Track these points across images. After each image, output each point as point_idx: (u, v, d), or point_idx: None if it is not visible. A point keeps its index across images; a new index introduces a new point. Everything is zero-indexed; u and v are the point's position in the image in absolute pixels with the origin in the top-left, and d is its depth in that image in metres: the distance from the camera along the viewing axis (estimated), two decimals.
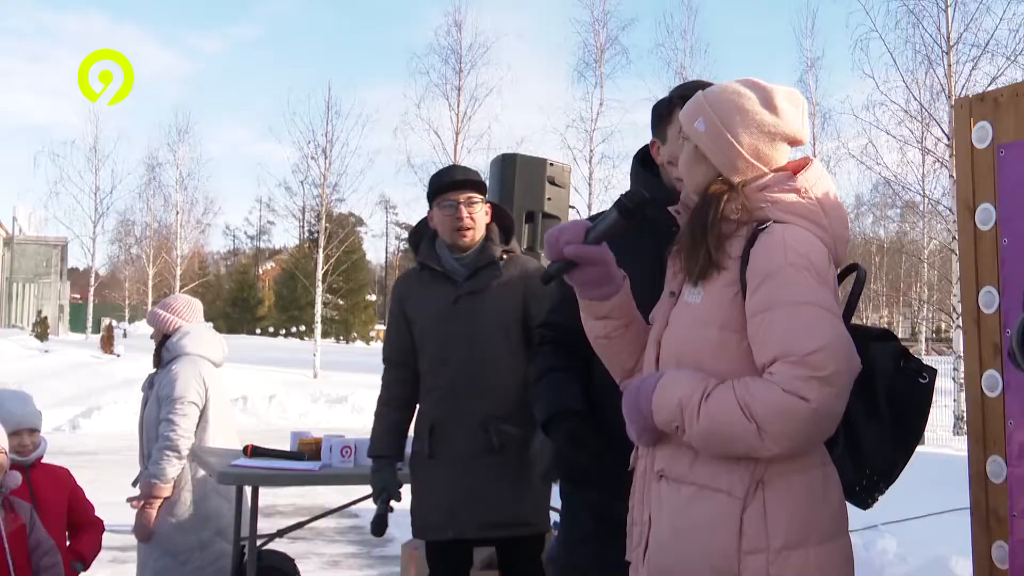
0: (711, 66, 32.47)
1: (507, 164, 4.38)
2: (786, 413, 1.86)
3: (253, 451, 4.21)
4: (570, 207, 4.68)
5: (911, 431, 2.19)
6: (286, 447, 4.65)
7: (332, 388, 23.84)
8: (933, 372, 2.21)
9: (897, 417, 2.15)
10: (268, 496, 7.66)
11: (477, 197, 3.53)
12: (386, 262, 79.51)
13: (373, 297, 65.01)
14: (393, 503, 3.67)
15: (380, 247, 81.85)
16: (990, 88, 17.97)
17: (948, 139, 19.25)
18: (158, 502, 4.39)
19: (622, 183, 31.44)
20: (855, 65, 33.09)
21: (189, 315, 4.78)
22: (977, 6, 19.27)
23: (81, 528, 4.10)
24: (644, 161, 2.87)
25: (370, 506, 3.79)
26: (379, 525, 3.73)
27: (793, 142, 2.13)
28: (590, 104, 31.81)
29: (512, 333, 3.51)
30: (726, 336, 2.01)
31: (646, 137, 2.83)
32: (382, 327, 66.12)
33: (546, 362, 2.82)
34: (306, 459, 4.34)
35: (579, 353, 2.59)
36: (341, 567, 7.27)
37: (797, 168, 2.13)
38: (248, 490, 4.15)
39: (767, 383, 1.90)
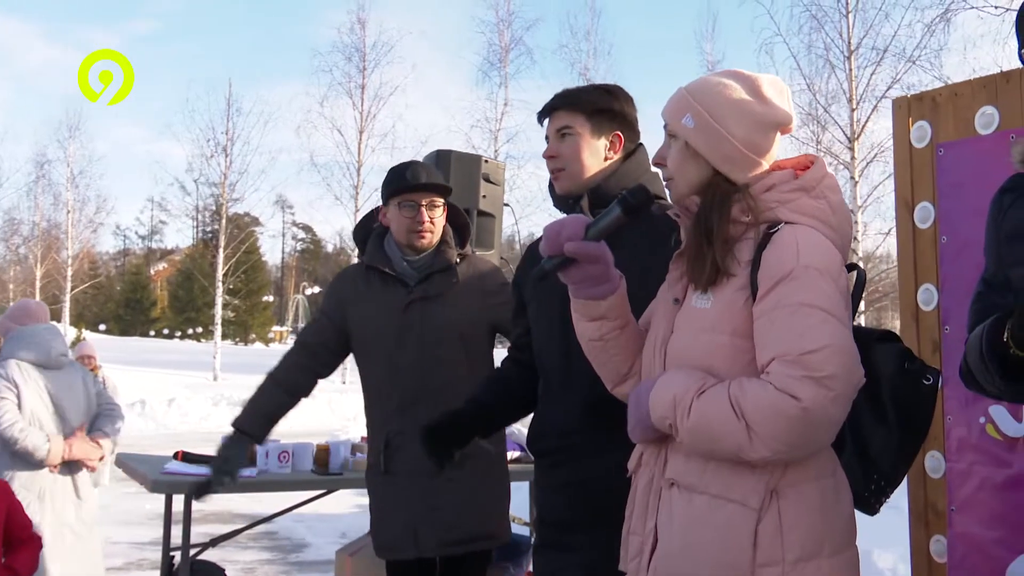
0: (614, 67, 32.82)
1: (442, 161, 4.30)
2: (775, 412, 1.79)
3: (184, 457, 4.04)
4: (504, 205, 4.62)
5: (915, 434, 2.13)
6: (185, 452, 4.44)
7: (233, 391, 23.36)
8: (936, 373, 2.14)
9: (902, 420, 2.10)
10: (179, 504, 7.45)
11: (439, 200, 3.35)
12: (282, 263, 78.42)
13: (271, 298, 64.07)
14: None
15: (277, 248, 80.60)
16: (890, 91, 18.57)
17: (848, 141, 19.83)
18: None
19: (526, 183, 31.60)
20: (760, 68, 33.90)
21: (23, 318, 4.72)
22: (876, 13, 20.01)
23: (17, 544, 3.87)
24: None
25: (298, 513, 3.63)
26: (202, 491, 3.47)
27: (783, 129, 2.08)
28: (495, 104, 31.87)
29: (469, 339, 3.34)
30: (738, 342, 1.94)
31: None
32: (280, 328, 65.26)
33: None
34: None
35: None
36: (257, 574, 7.10)
37: (798, 166, 2.08)
38: (179, 498, 3.97)
39: (761, 382, 1.84)
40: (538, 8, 56.75)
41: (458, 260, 3.41)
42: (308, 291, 66.98)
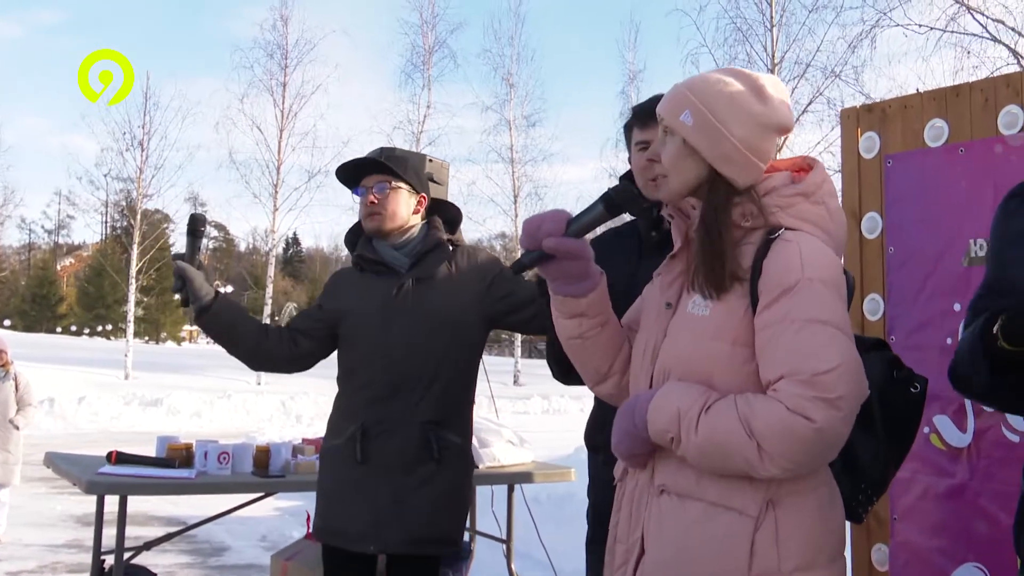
0: (536, 73, 33.16)
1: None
2: (789, 433, 1.76)
3: (119, 458, 3.89)
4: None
5: (902, 441, 2.15)
6: (100, 452, 4.31)
7: (145, 390, 22.88)
8: (924, 381, 2.16)
9: (889, 428, 2.10)
10: (91, 504, 7.19)
11: (387, 180, 3.20)
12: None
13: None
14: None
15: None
16: (812, 104, 19.04)
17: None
18: None
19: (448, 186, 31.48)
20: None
21: None
22: (800, 27, 20.52)
23: None
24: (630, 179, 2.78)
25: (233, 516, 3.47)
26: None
27: (782, 132, 2.02)
28: (417, 107, 31.84)
29: (460, 328, 3.19)
30: (738, 351, 1.89)
31: (473, 141, 2.75)
32: (192, 327, 64.06)
33: None
34: (177, 466, 4.01)
35: None
36: None
37: (793, 168, 2.03)
38: (112, 500, 3.82)
39: (770, 400, 1.80)
40: (462, 12, 56.76)
41: (452, 244, 3.30)
42: (221, 290, 65.84)
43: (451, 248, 3.30)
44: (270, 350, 3.26)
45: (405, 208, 3.25)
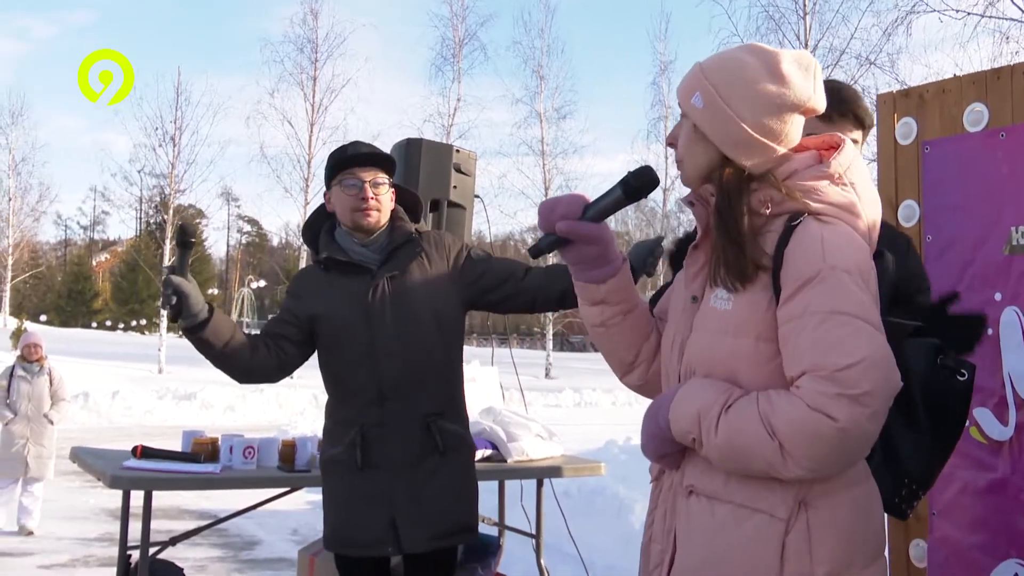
0: (567, 65, 33.19)
1: (412, 150, 4.18)
2: (811, 432, 1.67)
3: (144, 452, 3.88)
4: (475, 196, 4.52)
5: (949, 433, 2.05)
6: (126, 446, 4.26)
7: (179, 384, 23.03)
8: (972, 368, 2.04)
9: (934, 420, 2.00)
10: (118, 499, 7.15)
11: (384, 177, 3.15)
12: (227, 256, 77.55)
13: (215, 291, 63.33)
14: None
15: (222, 241, 79.65)
16: None
17: None
18: None
19: (479, 179, 31.53)
20: None
21: None
22: (833, 15, 20.33)
23: None
24: None
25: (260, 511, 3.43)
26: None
27: (806, 111, 1.88)
28: (447, 100, 31.85)
29: (444, 318, 3.15)
30: (762, 346, 1.81)
31: (503, 134, 2.73)
32: None
33: None
34: (203, 460, 3.99)
35: None
36: (207, 572, 6.93)
37: (821, 147, 1.92)
38: (139, 494, 3.80)
39: (792, 398, 1.71)
40: (492, 4, 56.66)
41: (417, 234, 3.22)
42: (254, 285, 66.22)
43: (418, 236, 3.21)
44: (262, 362, 3.12)
45: (389, 203, 3.20)
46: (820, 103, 1.89)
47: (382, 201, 3.15)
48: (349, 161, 3.14)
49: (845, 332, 1.70)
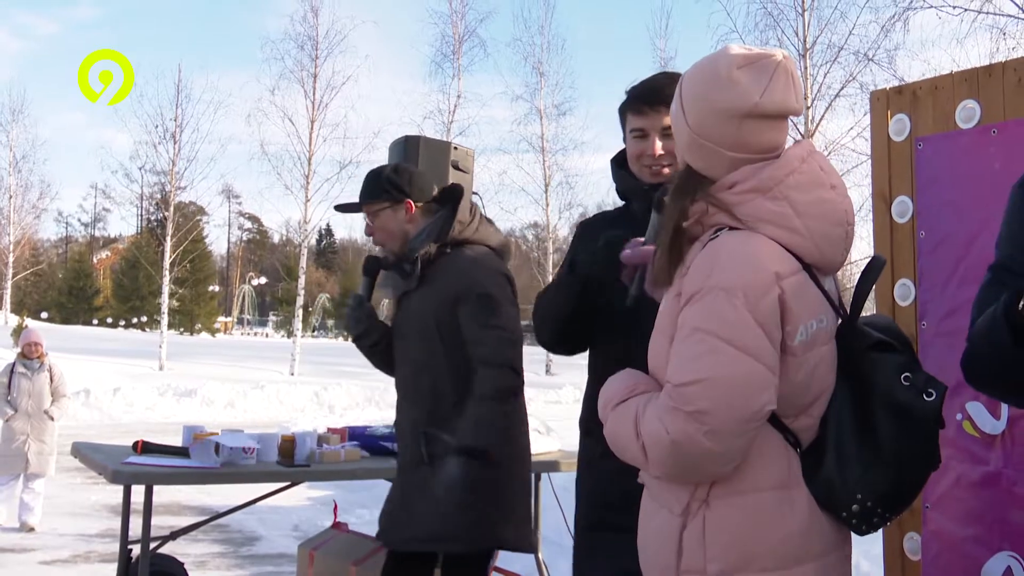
0: (567, 61, 33.21)
1: (410, 147, 4.20)
2: (654, 439, 1.78)
3: (144, 447, 3.91)
4: (473, 193, 4.53)
5: (917, 453, 1.90)
6: (127, 442, 4.28)
7: (180, 381, 23.05)
8: (942, 388, 1.90)
9: (899, 437, 1.88)
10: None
11: (373, 207, 3.35)
12: (228, 253, 77.54)
13: (216, 288, 63.36)
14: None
15: (222, 238, 79.69)
16: (844, 89, 18.91)
17: (802, 138, 20.14)
18: None
19: (478, 176, 31.59)
20: None
21: None
22: (831, 11, 20.38)
23: None
24: (620, 162, 2.88)
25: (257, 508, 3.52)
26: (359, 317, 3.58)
27: (760, 116, 1.84)
28: (447, 96, 31.84)
29: (447, 333, 3.24)
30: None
31: (503, 131, 2.80)
32: (226, 319, 64.56)
33: None
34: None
35: None
36: (208, 567, 6.96)
37: (800, 155, 1.91)
38: (140, 489, 3.83)
39: (655, 405, 1.81)
40: (492, 1, 56.72)
41: (431, 253, 3.32)
42: (254, 281, 66.25)
43: (442, 248, 3.34)
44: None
45: (395, 223, 3.36)
46: (778, 103, 1.86)
47: (382, 229, 3.39)
48: (342, 210, 3.51)
49: (699, 350, 1.76)
